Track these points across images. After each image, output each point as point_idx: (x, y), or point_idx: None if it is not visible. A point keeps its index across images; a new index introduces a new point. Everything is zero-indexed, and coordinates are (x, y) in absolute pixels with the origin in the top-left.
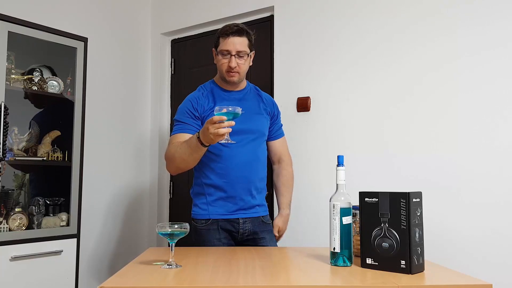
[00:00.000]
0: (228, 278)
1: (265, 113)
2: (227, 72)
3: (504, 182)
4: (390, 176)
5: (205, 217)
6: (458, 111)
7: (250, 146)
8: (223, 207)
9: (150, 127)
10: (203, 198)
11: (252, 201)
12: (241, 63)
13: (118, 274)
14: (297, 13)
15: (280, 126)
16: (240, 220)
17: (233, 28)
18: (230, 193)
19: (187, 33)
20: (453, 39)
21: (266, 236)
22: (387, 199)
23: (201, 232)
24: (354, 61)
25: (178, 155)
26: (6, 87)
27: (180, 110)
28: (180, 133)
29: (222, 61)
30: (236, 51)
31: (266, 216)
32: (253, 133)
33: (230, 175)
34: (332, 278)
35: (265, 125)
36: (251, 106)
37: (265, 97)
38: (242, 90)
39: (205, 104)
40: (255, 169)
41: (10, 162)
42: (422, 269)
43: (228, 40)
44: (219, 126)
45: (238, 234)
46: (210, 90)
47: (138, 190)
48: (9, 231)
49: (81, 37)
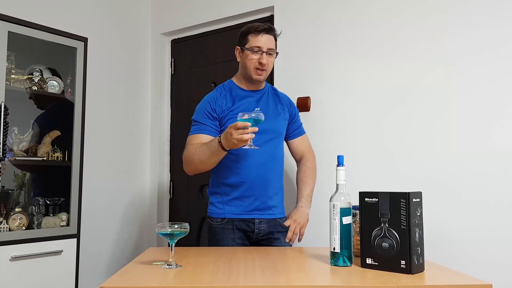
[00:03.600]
0: (228, 278)
1: (283, 113)
2: (255, 69)
3: (504, 182)
4: (390, 176)
5: (221, 216)
6: (459, 111)
7: (267, 146)
8: (239, 206)
9: (150, 127)
10: (220, 197)
11: (269, 201)
12: (270, 61)
13: (118, 274)
14: (297, 13)
15: (299, 124)
16: (256, 220)
17: (264, 26)
18: (246, 192)
19: (187, 33)
20: (456, 39)
21: (281, 237)
22: (387, 199)
23: (216, 230)
24: (354, 60)
25: (197, 157)
26: (6, 87)
27: (198, 110)
28: (198, 134)
29: (251, 57)
30: (267, 48)
31: (283, 218)
32: (270, 133)
33: (246, 174)
34: (332, 278)
35: (282, 125)
36: (269, 106)
37: (282, 96)
38: (260, 90)
39: (223, 105)
40: (272, 169)
41: (10, 162)
42: (422, 269)
43: (260, 37)
44: (243, 132)
45: (253, 234)
46: (229, 90)
47: (138, 190)
48: (9, 231)
49: (81, 37)
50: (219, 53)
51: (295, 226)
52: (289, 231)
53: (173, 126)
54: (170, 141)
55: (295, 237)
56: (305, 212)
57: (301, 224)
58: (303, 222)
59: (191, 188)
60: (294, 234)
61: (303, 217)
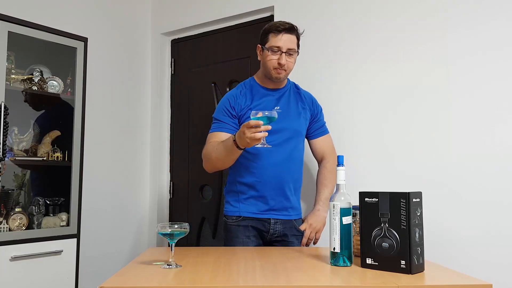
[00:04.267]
0: (228, 278)
1: (304, 112)
2: (274, 69)
3: (504, 182)
4: (390, 176)
5: (236, 214)
6: (459, 111)
7: (285, 146)
8: (254, 205)
9: (150, 126)
10: (235, 196)
11: (285, 202)
12: (290, 61)
13: (118, 274)
14: (297, 13)
15: (322, 124)
16: (271, 221)
17: (285, 25)
18: (261, 192)
19: (187, 33)
20: (456, 39)
21: (295, 241)
22: (387, 199)
23: (230, 228)
24: (355, 60)
25: (215, 155)
26: (6, 87)
27: (219, 108)
28: (217, 132)
29: (271, 57)
30: (287, 49)
31: (299, 220)
32: (288, 132)
33: (262, 174)
34: (332, 278)
35: (302, 124)
36: (289, 104)
37: (304, 94)
38: (282, 88)
39: (242, 103)
40: (289, 169)
41: (10, 162)
42: (422, 269)
43: (281, 37)
44: (256, 130)
45: (268, 234)
46: (250, 87)
47: (138, 190)
48: (9, 231)
49: (81, 37)
50: (219, 53)
51: (310, 231)
52: (304, 237)
53: (173, 126)
54: (170, 141)
55: (310, 242)
56: (322, 215)
57: (316, 229)
58: (319, 226)
59: (191, 188)
60: (309, 239)
61: (320, 221)
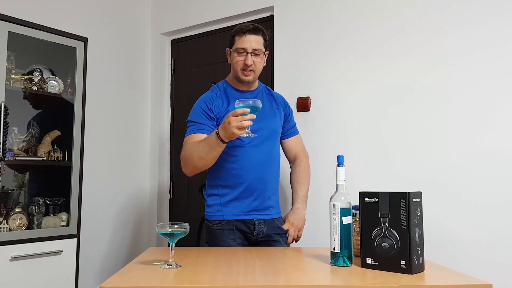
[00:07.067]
0: (228, 278)
1: (278, 112)
2: (242, 71)
3: (504, 182)
4: (390, 176)
5: (220, 218)
6: (458, 111)
7: (264, 146)
8: (238, 207)
9: (150, 126)
10: (217, 199)
11: (267, 201)
12: (257, 61)
13: (118, 274)
14: (297, 13)
15: (293, 124)
16: (255, 221)
17: (249, 26)
18: (244, 193)
19: (187, 33)
20: (454, 39)
21: (280, 239)
22: (387, 199)
23: (215, 232)
24: (354, 60)
25: (196, 154)
26: (6, 87)
27: (194, 111)
28: (196, 134)
29: (237, 59)
30: (252, 49)
31: (280, 218)
32: (267, 132)
33: (244, 175)
34: (332, 278)
35: (278, 124)
36: (264, 106)
37: (276, 96)
38: (254, 90)
39: (219, 105)
40: (269, 169)
41: (10, 162)
42: (422, 269)
43: (245, 38)
44: (243, 118)
45: (252, 235)
46: (224, 90)
47: (138, 190)
48: (9, 231)
49: (81, 37)
50: (219, 53)
51: (293, 230)
52: (289, 237)
53: (173, 126)
54: (170, 141)
55: (293, 241)
56: (301, 213)
57: (298, 227)
58: (300, 224)
59: (191, 188)
60: (294, 238)
61: (300, 219)
